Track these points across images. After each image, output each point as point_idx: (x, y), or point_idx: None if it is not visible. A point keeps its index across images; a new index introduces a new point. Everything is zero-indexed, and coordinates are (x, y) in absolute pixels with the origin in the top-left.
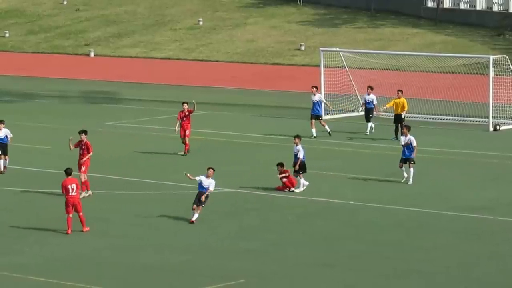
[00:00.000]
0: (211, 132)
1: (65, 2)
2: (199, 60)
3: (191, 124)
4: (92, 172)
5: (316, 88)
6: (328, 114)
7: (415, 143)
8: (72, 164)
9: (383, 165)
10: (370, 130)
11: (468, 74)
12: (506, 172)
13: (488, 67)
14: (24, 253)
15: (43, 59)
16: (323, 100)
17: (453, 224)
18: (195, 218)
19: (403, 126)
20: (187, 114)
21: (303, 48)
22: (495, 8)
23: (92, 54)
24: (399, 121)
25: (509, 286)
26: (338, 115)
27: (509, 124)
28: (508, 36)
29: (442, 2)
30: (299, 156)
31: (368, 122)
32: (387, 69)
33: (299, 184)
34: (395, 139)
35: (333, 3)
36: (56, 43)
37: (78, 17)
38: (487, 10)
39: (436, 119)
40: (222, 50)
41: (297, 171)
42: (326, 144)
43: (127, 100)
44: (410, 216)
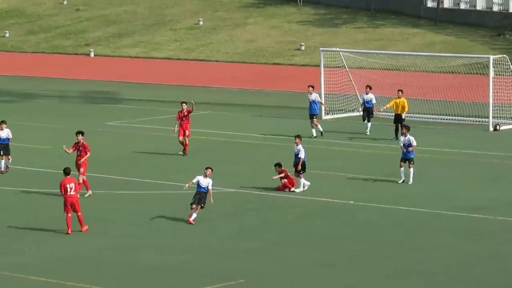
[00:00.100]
0: (211, 132)
1: (65, 2)
2: (199, 60)
3: (190, 124)
4: (92, 172)
5: (312, 88)
6: (328, 114)
7: (415, 143)
8: (72, 164)
9: (383, 165)
10: (366, 129)
11: (468, 74)
12: (506, 172)
13: (488, 67)
14: (24, 253)
15: (43, 59)
16: (318, 100)
17: (453, 224)
18: (193, 218)
19: (402, 126)
20: (186, 114)
21: (303, 48)
22: (495, 8)
23: (92, 54)
24: (399, 121)
25: (509, 286)
26: (338, 115)
27: (509, 124)
28: (508, 36)
29: (442, 2)
30: (300, 156)
31: (367, 121)
32: (387, 69)
33: (299, 184)
34: (395, 139)
35: (333, 3)
36: (56, 43)
37: (78, 17)
38: (487, 10)
39: (436, 119)
40: (222, 50)
41: (298, 171)
42: (326, 144)
43: (127, 100)
44: (410, 216)
